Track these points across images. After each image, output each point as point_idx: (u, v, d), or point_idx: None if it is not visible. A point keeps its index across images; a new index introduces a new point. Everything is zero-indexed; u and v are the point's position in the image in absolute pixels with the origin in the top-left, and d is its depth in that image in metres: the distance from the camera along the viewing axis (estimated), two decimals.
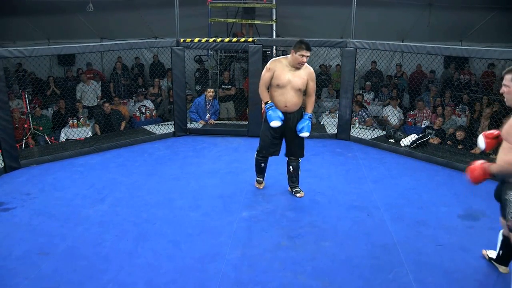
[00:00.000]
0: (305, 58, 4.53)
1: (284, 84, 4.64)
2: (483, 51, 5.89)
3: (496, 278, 3.66)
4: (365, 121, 8.57)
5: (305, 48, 4.49)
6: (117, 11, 10.48)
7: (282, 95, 4.68)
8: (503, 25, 10.32)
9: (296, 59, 4.53)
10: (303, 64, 4.61)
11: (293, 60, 4.57)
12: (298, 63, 4.56)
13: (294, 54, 4.54)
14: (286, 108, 4.72)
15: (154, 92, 9.88)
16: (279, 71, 4.63)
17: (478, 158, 6.28)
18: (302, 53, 4.49)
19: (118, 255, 3.85)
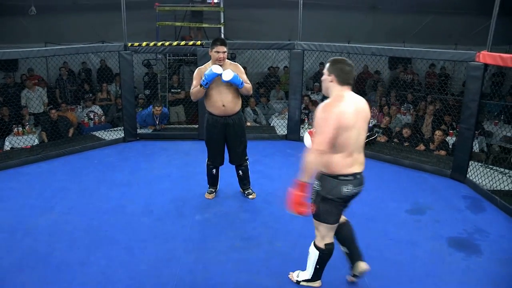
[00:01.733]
0: (222, 54, 4.54)
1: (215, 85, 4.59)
2: (423, 52, 6.15)
3: (444, 268, 3.83)
4: None
5: (219, 44, 4.53)
6: (61, 14, 10.17)
7: (219, 94, 4.63)
8: (440, 28, 10.83)
9: (214, 56, 4.56)
10: (222, 60, 4.58)
11: (212, 58, 4.60)
12: (217, 60, 4.55)
13: (211, 52, 4.59)
14: (224, 109, 4.68)
15: (103, 97, 9.66)
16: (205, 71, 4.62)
17: (423, 154, 6.55)
18: (218, 49, 4.52)
19: (70, 265, 3.76)
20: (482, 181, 5.55)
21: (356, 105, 2.99)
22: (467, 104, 5.61)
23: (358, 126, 2.99)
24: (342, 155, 3.00)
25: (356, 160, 3.07)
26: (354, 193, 3.14)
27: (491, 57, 5.22)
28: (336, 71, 2.98)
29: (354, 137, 2.97)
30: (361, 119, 3.02)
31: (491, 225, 4.65)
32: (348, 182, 3.06)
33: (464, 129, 5.71)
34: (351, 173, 3.06)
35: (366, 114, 3.07)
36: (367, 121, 3.11)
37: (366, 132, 3.11)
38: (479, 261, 3.97)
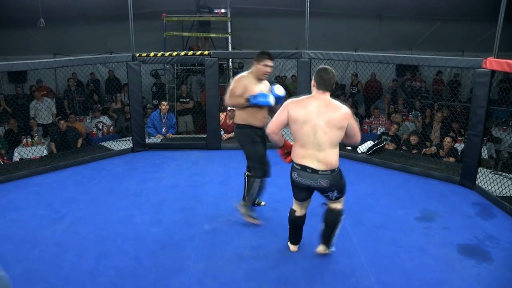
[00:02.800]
0: (269, 68, 4.42)
1: None
2: (430, 59, 6.14)
3: (455, 275, 3.80)
4: None
5: (268, 58, 4.40)
6: (70, 26, 10.29)
7: (260, 110, 4.48)
8: (447, 35, 10.83)
9: (260, 70, 4.40)
10: (268, 74, 4.49)
11: (257, 71, 4.43)
12: (263, 74, 4.43)
13: (257, 65, 4.41)
14: (264, 120, 4.55)
15: (116, 108, 9.72)
16: (250, 86, 4.42)
17: (432, 161, 6.53)
18: (266, 63, 4.38)
19: (79, 276, 3.77)
20: (491, 188, 5.52)
21: (319, 106, 3.48)
22: (474, 110, 5.59)
23: (314, 124, 3.45)
24: (296, 144, 3.61)
25: (311, 155, 3.51)
26: (302, 183, 3.63)
27: (498, 63, 5.21)
28: (317, 77, 3.55)
29: (305, 132, 3.47)
30: (322, 119, 3.44)
31: (501, 231, 4.62)
32: (296, 170, 3.63)
33: (472, 135, 5.69)
34: (300, 164, 3.57)
35: (331, 118, 3.44)
36: (332, 124, 3.44)
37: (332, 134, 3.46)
38: (489, 268, 3.94)
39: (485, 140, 6.79)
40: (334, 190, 3.65)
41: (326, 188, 3.60)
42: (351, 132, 3.57)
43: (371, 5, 10.67)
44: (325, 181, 3.55)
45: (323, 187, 3.58)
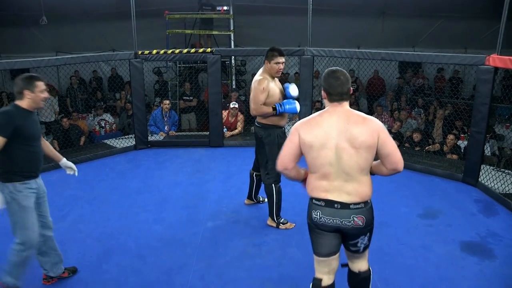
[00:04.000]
0: (282, 65, 4.30)
1: (279, 99, 4.37)
2: (433, 56, 6.14)
3: (457, 272, 3.80)
4: None
5: (278, 55, 4.28)
6: (72, 24, 10.28)
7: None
8: (449, 32, 10.80)
9: (273, 68, 4.29)
10: (281, 72, 4.39)
11: (270, 70, 4.31)
12: (277, 72, 4.33)
13: (269, 64, 4.29)
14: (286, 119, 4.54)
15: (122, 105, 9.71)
16: (272, 89, 4.31)
17: (434, 158, 6.52)
18: (278, 61, 4.26)
19: (82, 273, 3.78)
20: (494, 185, 5.52)
21: (338, 122, 2.62)
22: (477, 107, 5.58)
23: (335, 146, 2.60)
24: (315, 176, 2.71)
25: (337, 187, 2.65)
26: (329, 224, 2.69)
27: (501, 60, 5.19)
28: (326, 86, 2.72)
29: (325, 157, 2.62)
30: (343, 139, 2.59)
31: (504, 228, 4.61)
32: (318, 208, 2.70)
33: (475, 132, 5.68)
34: (323, 198, 2.68)
35: (355, 135, 2.58)
36: (358, 144, 2.58)
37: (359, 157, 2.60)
38: (492, 265, 3.94)
39: (488, 137, 6.77)
40: (367, 233, 2.78)
41: (360, 230, 2.71)
42: (384, 151, 2.64)
43: (374, 2, 10.65)
44: (360, 218, 2.66)
45: (358, 227, 2.68)
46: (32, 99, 3.24)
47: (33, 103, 3.26)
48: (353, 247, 2.81)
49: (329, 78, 2.70)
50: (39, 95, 3.27)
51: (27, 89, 3.21)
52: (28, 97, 3.22)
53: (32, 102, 3.25)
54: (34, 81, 3.26)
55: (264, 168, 4.51)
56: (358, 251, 2.83)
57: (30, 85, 3.23)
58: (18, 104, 3.24)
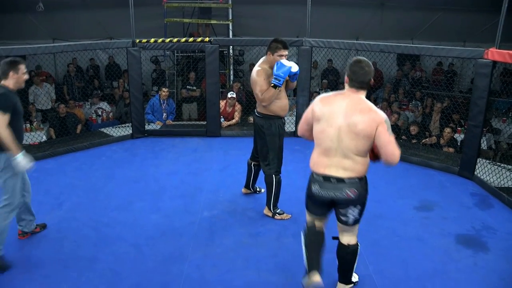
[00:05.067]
0: (285, 57, 4.21)
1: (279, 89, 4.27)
2: (432, 49, 6.13)
3: (452, 265, 3.82)
4: None
5: (283, 48, 4.20)
6: (69, 11, 10.20)
7: (285, 98, 4.40)
8: (449, 25, 10.78)
9: (276, 60, 4.18)
10: None
11: (272, 62, 4.22)
12: None
13: (271, 56, 4.22)
14: (287, 110, 4.49)
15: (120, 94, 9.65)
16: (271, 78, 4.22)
17: (431, 151, 6.54)
18: (281, 53, 4.19)
19: (78, 262, 3.79)
20: (490, 178, 5.54)
21: (347, 106, 2.89)
22: (475, 101, 5.58)
23: (339, 126, 2.88)
24: (318, 151, 3.03)
25: (336, 163, 2.96)
26: (325, 197, 3.03)
27: (500, 54, 5.19)
28: (349, 72, 2.97)
29: (329, 135, 2.92)
30: (347, 122, 2.86)
31: (499, 222, 4.64)
32: (317, 182, 3.04)
33: (472, 126, 5.69)
34: (322, 174, 3.00)
35: (356, 121, 2.84)
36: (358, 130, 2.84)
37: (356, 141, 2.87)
38: (486, 258, 3.97)
39: (484, 131, 6.79)
40: (358, 206, 3.06)
41: (352, 201, 3.01)
42: (379, 143, 2.88)
43: None
44: (352, 191, 2.97)
45: (350, 199, 2.99)
46: (16, 80, 3.70)
47: (17, 83, 3.73)
48: (343, 217, 3.11)
49: (354, 66, 2.95)
50: (22, 77, 3.74)
51: (12, 70, 3.67)
52: (13, 78, 3.68)
53: (16, 82, 3.71)
54: (18, 64, 3.70)
55: (265, 158, 4.50)
56: (347, 222, 3.11)
57: (14, 67, 3.68)
58: (5, 84, 3.69)
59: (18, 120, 3.73)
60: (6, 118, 3.56)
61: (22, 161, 3.65)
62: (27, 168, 3.73)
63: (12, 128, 3.60)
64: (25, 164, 3.68)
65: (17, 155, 3.62)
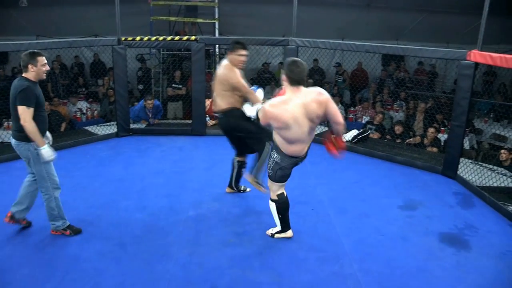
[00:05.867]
0: (244, 57, 4.53)
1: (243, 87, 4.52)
2: (416, 50, 6.21)
3: (435, 263, 3.88)
4: None
5: (241, 48, 4.50)
6: (53, 7, 10.08)
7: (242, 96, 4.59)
8: (432, 26, 10.91)
9: (236, 59, 4.50)
10: (244, 63, 4.58)
11: (233, 61, 4.52)
12: (239, 63, 4.53)
13: (233, 55, 4.51)
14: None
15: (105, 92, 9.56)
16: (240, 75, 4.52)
17: (415, 151, 6.61)
18: (240, 53, 4.49)
19: (63, 261, 3.76)
20: (472, 178, 5.63)
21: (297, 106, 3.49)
22: (458, 102, 5.67)
23: (299, 122, 3.52)
24: (291, 145, 3.66)
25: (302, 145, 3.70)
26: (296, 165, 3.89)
27: (482, 56, 5.28)
28: (288, 72, 3.52)
29: (296, 132, 3.56)
30: (302, 115, 3.50)
31: (481, 220, 4.72)
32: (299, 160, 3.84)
33: (455, 126, 5.77)
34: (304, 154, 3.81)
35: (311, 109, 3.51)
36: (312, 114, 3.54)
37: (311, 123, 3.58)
38: (468, 256, 4.04)
39: (467, 131, 6.89)
40: None
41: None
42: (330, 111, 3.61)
43: None
44: None
45: None
46: (36, 72, 3.81)
47: (37, 75, 3.83)
48: None
49: (292, 66, 3.51)
50: (41, 68, 3.84)
51: (30, 63, 3.77)
52: (32, 70, 3.79)
53: (36, 74, 3.82)
54: (36, 56, 3.80)
55: (255, 143, 4.63)
56: None
57: (33, 59, 3.78)
58: (26, 76, 3.81)
59: (41, 111, 3.86)
60: (31, 111, 3.70)
61: (46, 153, 3.80)
62: (50, 160, 3.87)
63: (37, 120, 3.75)
64: (49, 156, 3.83)
65: (42, 147, 3.78)
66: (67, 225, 4.12)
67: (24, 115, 3.69)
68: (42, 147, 3.78)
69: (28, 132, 3.71)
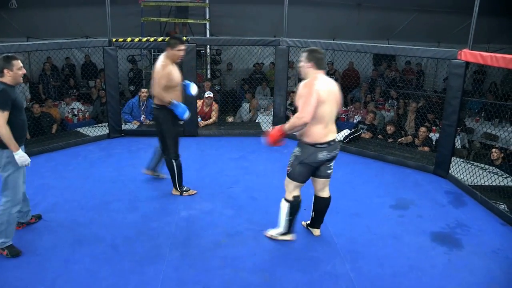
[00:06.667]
0: (183, 52, 4.75)
1: (179, 83, 4.84)
2: (407, 50, 6.24)
3: (427, 262, 3.89)
4: None
5: (180, 43, 4.70)
6: (44, 8, 10.02)
7: (179, 92, 4.88)
8: (423, 26, 10.98)
9: (175, 55, 4.70)
10: (182, 58, 4.86)
11: (173, 56, 4.71)
12: (178, 58, 4.75)
13: (171, 50, 4.69)
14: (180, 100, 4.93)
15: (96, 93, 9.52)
16: (173, 72, 4.74)
17: (407, 150, 6.64)
18: (179, 48, 4.69)
19: (54, 263, 3.74)
20: (464, 177, 5.65)
21: (327, 85, 3.65)
22: (449, 101, 5.69)
23: (330, 101, 3.63)
24: (320, 126, 3.65)
25: (330, 130, 3.73)
26: (329, 157, 3.79)
27: (472, 55, 5.30)
28: (313, 59, 3.67)
29: (328, 110, 3.63)
30: (332, 96, 3.66)
31: (472, 219, 4.74)
32: (324, 149, 3.71)
33: (446, 125, 5.79)
34: (326, 141, 3.70)
35: (336, 94, 3.73)
36: (338, 100, 3.76)
37: (337, 108, 3.77)
38: (460, 254, 4.05)
39: (458, 131, 6.93)
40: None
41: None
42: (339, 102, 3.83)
43: None
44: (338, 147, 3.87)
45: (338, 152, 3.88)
46: (12, 76, 3.68)
47: (14, 80, 3.71)
48: (329, 170, 3.92)
49: (315, 53, 3.68)
50: (18, 72, 3.71)
51: (6, 68, 3.65)
52: (8, 75, 3.66)
53: (13, 79, 3.69)
54: (11, 60, 3.68)
55: (163, 145, 5.02)
56: (331, 174, 3.95)
57: (8, 64, 3.66)
58: (3, 81, 3.66)
59: (20, 115, 3.74)
60: (5, 115, 3.58)
61: (20, 158, 3.70)
62: (24, 165, 3.77)
63: (14, 123, 3.64)
64: (23, 161, 3.74)
65: (17, 151, 3.67)
66: (6, 245, 3.80)
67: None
68: (16, 152, 3.67)
69: (1, 136, 3.59)
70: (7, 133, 3.59)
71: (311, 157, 3.72)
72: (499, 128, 8.35)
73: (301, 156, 3.75)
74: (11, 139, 3.62)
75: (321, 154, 3.71)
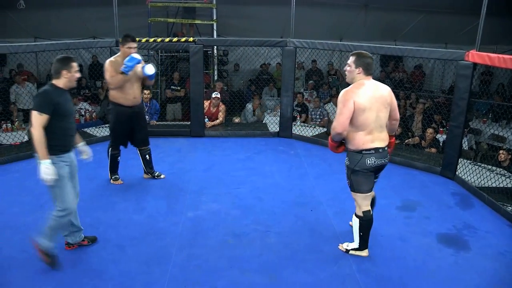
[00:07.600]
0: (133, 49, 4.94)
1: (130, 77, 4.96)
2: (414, 51, 6.21)
3: (434, 263, 3.87)
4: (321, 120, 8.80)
5: (131, 40, 4.95)
6: (51, 9, 10.08)
7: (131, 88, 5.07)
8: (430, 27, 10.94)
9: (126, 52, 4.92)
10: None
11: (124, 54, 4.95)
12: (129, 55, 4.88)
13: (123, 47, 4.97)
14: (134, 100, 5.15)
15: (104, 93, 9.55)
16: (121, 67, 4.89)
17: (414, 151, 6.61)
18: (130, 46, 4.94)
19: (61, 263, 3.74)
20: (471, 178, 5.62)
21: (374, 91, 3.56)
22: (456, 102, 5.66)
23: (376, 108, 3.54)
24: (363, 133, 3.58)
25: (377, 137, 3.62)
26: (379, 164, 3.68)
27: (480, 56, 5.27)
28: (362, 64, 3.59)
29: (372, 117, 3.54)
30: (379, 102, 3.56)
31: (479, 221, 4.72)
32: (371, 155, 3.62)
33: (453, 127, 5.77)
34: (372, 148, 3.60)
35: (385, 98, 3.61)
36: (386, 104, 3.63)
37: (387, 113, 3.65)
38: (467, 256, 4.03)
39: (465, 132, 6.89)
40: None
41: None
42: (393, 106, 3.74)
43: None
44: (389, 156, 3.79)
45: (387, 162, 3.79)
46: (69, 79, 3.57)
47: (69, 82, 3.60)
48: (376, 180, 3.94)
49: (364, 58, 3.61)
50: (74, 75, 3.60)
51: (64, 69, 3.54)
52: (65, 76, 3.55)
53: (68, 81, 3.59)
54: (70, 61, 3.57)
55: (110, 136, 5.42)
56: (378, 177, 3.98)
57: (67, 65, 3.55)
58: (54, 83, 3.57)
59: (61, 122, 3.52)
60: (43, 118, 3.38)
61: (45, 169, 3.40)
62: (46, 180, 3.43)
63: (52, 129, 3.44)
64: (46, 174, 3.41)
65: (43, 160, 3.40)
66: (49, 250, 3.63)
67: (33, 121, 3.37)
68: (42, 161, 3.39)
69: (33, 140, 3.38)
70: (38, 138, 3.37)
71: (360, 164, 3.64)
72: (506, 129, 8.29)
73: (350, 165, 3.69)
74: (42, 145, 3.39)
75: (369, 160, 3.62)
